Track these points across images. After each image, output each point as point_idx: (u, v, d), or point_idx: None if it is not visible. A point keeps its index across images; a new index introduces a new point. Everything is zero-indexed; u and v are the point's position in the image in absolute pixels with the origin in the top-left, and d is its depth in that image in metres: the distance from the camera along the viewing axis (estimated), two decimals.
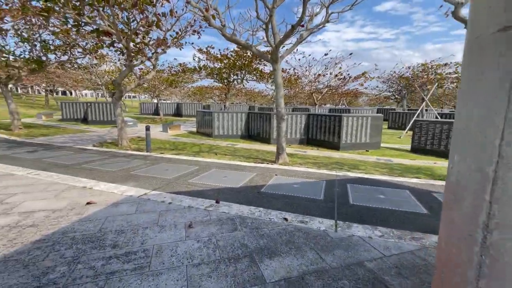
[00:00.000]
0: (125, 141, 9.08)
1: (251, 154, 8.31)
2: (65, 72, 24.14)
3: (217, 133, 12.52)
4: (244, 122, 12.77)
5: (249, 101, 42.51)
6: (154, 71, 9.46)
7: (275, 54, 5.95)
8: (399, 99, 30.18)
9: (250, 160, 7.17)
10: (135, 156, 7.00)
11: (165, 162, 6.27)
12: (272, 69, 6.31)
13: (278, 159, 6.83)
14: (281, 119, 6.62)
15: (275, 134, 11.31)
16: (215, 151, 8.68)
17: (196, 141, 11.17)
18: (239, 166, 6.01)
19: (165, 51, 8.15)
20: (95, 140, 10.38)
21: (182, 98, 35.94)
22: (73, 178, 4.70)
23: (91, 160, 6.26)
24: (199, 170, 5.47)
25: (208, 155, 7.78)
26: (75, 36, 10.37)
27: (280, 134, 6.74)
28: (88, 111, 16.43)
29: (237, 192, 4.14)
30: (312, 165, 6.69)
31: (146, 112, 27.55)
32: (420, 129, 10.22)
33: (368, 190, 4.40)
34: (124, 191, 4.05)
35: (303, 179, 4.99)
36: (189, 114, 25.93)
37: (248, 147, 10.12)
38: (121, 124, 8.95)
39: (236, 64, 13.75)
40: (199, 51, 13.41)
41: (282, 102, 6.51)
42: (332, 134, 10.56)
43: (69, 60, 12.37)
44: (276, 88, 6.47)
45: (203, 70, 15.32)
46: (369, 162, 7.86)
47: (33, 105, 31.21)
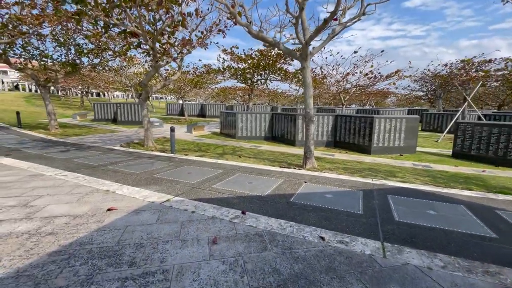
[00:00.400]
0: (151, 141, 9.14)
1: (276, 157, 7.93)
2: (97, 75, 25.48)
3: (240, 134, 12.29)
4: (267, 123, 12.42)
5: (271, 101, 42.09)
6: (180, 71, 9.43)
7: (305, 51, 5.52)
8: (433, 99, 28.02)
9: (276, 164, 6.79)
10: (159, 157, 6.93)
11: (189, 164, 6.10)
12: (301, 68, 5.88)
13: (306, 163, 6.38)
14: (309, 121, 6.17)
15: (300, 136, 10.83)
16: (239, 153, 8.42)
17: (220, 143, 11.02)
18: (264, 170, 5.66)
19: (190, 51, 8.05)
20: (122, 140, 10.62)
21: (206, 99, 36.48)
22: (97, 180, 4.64)
23: (117, 161, 6.27)
24: (223, 174, 5.20)
25: (232, 158, 7.52)
26: (105, 39, 10.70)
27: (309, 137, 6.29)
28: (117, 112, 17.08)
29: (264, 201, 3.79)
30: (343, 171, 6.15)
31: (172, 112, 28.26)
32: (464, 132, 9.18)
33: (413, 203, 3.83)
34: (146, 196, 3.87)
35: (335, 187, 4.51)
36: (212, 115, 26.13)
37: (273, 149, 9.74)
38: (147, 125, 9.02)
39: (260, 64, 13.44)
40: (223, 52, 13.30)
41: (311, 102, 6.06)
42: (363, 136, 9.84)
43: (101, 62, 12.84)
44: (305, 87, 6.03)
45: (227, 71, 15.22)
46: (406, 168, 7.13)
47: (70, 106, 33.41)
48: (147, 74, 7.94)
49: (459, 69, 17.49)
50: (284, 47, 5.82)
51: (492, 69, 12.59)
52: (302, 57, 5.68)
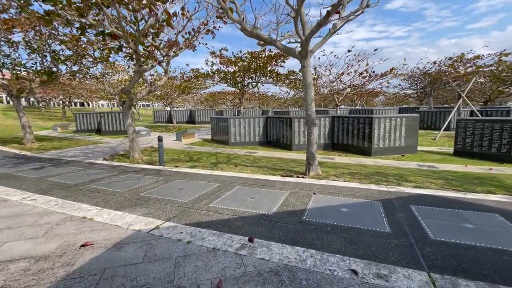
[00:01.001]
0: (137, 153, 8.41)
1: (274, 164, 7.38)
2: (79, 83, 24.33)
3: (234, 140, 11.69)
4: (262, 128, 11.89)
5: (262, 105, 41.72)
6: (166, 76, 8.79)
7: (305, 48, 5.03)
8: (422, 97, 28.37)
9: (276, 173, 6.24)
10: (147, 171, 6.24)
11: (180, 178, 5.45)
12: (301, 67, 5.39)
13: (309, 170, 5.86)
14: (312, 124, 5.66)
15: (297, 140, 10.36)
16: (234, 162, 7.82)
17: (212, 150, 10.38)
18: (265, 181, 5.09)
19: (177, 53, 7.44)
20: (106, 152, 9.81)
21: (195, 105, 35.62)
22: (73, 204, 3.93)
23: (98, 178, 5.54)
24: (221, 189, 4.60)
25: (227, 167, 6.92)
26: (84, 45, 9.94)
27: (311, 141, 5.78)
28: (101, 122, 16.13)
29: (272, 221, 3.21)
30: (351, 177, 5.67)
31: (160, 120, 27.32)
32: (465, 129, 8.94)
33: (442, 214, 3.35)
34: (131, 223, 3.22)
35: (349, 198, 3.99)
36: (202, 121, 25.40)
37: (269, 155, 9.20)
38: (132, 135, 8.29)
39: (251, 67, 12.95)
40: (212, 55, 12.75)
41: (312, 104, 5.57)
42: (362, 138, 9.45)
43: (80, 70, 12.00)
44: (305, 88, 5.53)
45: (216, 75, 14.64)
46: (413, 170, 6.73)
47: (51, 117, 31.83)
48: (131, 80, 7.27)
49: (448, 66, 17.62)
50: (281, 45, 5.32)
51: (483, 64, 12.58)
52: (302, 55, 5.19)
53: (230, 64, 13.26)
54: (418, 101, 28.07)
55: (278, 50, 12.68)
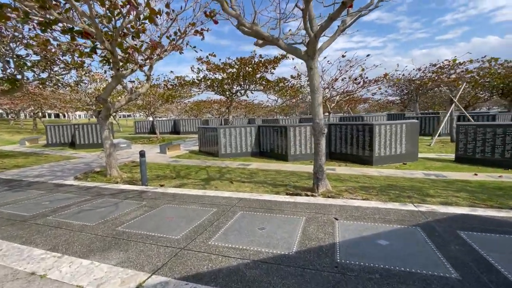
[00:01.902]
0: (115, 170, 7.31)
1: (274, 179, 6.59)
2: (52, 93, 22.53)
3: (224, 151, 10.81)
4: (254, 138, 11.12)
5: (248, 113, 41.12)
6: (149, 83, 7.85)
7: (313, 47, 4.37)
8: (406, 103, 28.97)
9: (280, 189, 5.44)
10: (127, 193, 5.23)
11: (168, 201, 4.51)
12: (307, 68, 4.71)
13: (318, 186, 5.12)
14: (320, 133, 4.97)
15: (293, 150, 9.67)
16: (228, 177, 6.95)
17: (201, 163, 9.44)
18: (271, 202, 4.28)
19: (161, 56, 6.58)
20: (79, 169, 8.59)
21: (179, 115, 34.35)
22: (21, 250, 2.91)
23: (64, 206, 4.48)
24: (219, 216, 3.72)
25: (222, 184, 6.03)
26: (54, 49, 8.83)
27: (319, 153, 5.07)
28: (76, 134, 14.67)
29: (298, 267, 2.39)
30: (365, 193, 4.99)
31: (142, 131, 25.83)
32: (466, 135, 8.64)
33: (505, 243, 2.69)
34: (101, 281, 2.28)
35: (380, 224, 3.27)
36: (187, 131, 24.25)
37: (265, 168, 8.41)
38: (110, 150, 7.22)
39: (240, 74, 12.27)
40: (199, 60, 11.94)
41: (320, 111, 4.88)
42: (362, 146, 8.92)
43: (50, 77, 10.73)
44: (312, 92, 4.85)
45: (203, 82, 13.81)
46: (423, 181, 6.20)
47: (20, 130, 29.32)
48: (106, 86, 6.29)
49: (439, 72, 17.89)
50: (284, 43, 4.63)
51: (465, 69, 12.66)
52: (309, 54, 4.52)
53: (218, 71, 12.50)
54: (402, 107, 28.61)
55: (268, 56, 12.14)
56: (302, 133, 9.75)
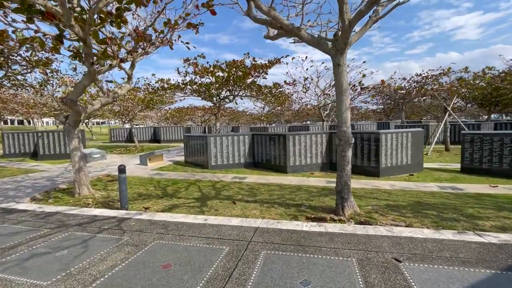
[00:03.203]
0: (86, 187, 5.95)
1: (281, 196, 5.63)
2: (14, 96, 20.04)
3: (215, 162, 9.70)
4: (247, 147, 10.14)
5: (231, 121, 40.02)
6: (130, 84, 6.64)
7: (345, 37, 3.54)
8: (388, 112, 29.58)
9: (295, 212, 4.48)
10: (102, 222, 3.99)
11: (159, 235, 3.38)
12: (333, 65, 3.88)
13: (344, 208, 4.23)
14: (347, 144, 4.12)
15: (292, 160, 8.80)
16: (226, 194, 5.88)
17: (189, 177, 8.25)
18: (297, 234, 3.30)
19: (147, 51, 5.47)
20: (40, 187, 7.05)
21: (159, 122, 32.42)
22: None
23: (8, 247, 3.17)
24: (237, 261, 2.68)
25: (223, 206, 4.95)
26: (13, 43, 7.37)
27: (345, 167, 4.21)
28: (39, 143, 12.75)
29: None
30: (398, 214, 4.19)
31: (118, 139, 23.76)
32: (472, 144, 8.30)
33: None
34: None
35: (459, 268, 2.42)
36: (169, 139, 22.64)
37: (264, 181, 7.44)
38: (79, 163, 5.86)
39: (231, 78, 11.33)
40: (186, 62, 10.84)
41: (348, 116, 4.05)
42: (367, 156, 8.26)
43: (7, 76, 9.09)
44: (339, 94, 4.01)
45: (189, 86, 12.67)
46: (446, 195, 5.57)
47: None
48: (76, 85, 5.01)
49: (417, 82, 18.18)
50: (308, 34, 3.78)
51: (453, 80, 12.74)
52: (338, 48, 3.70)
53: (206, 74, 11.47)
54: (384, 116, 29.15)
55: (263, 60, 11.33)
56: (302, 143, 8.95)
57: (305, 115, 33.35)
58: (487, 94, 18.05)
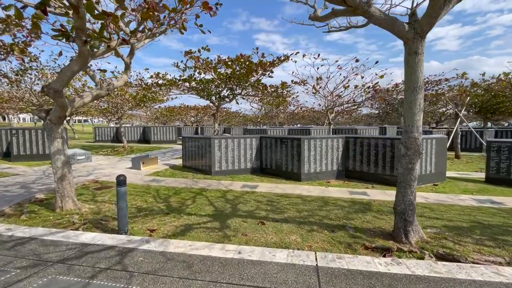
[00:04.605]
0: (71, 200, 4.78)
1: (312, 213, 4.72)
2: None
3: (219, 168, 8.66)
4: (255, 151, 9.18)
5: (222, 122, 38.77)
6: (127, 74, 5.53)
7: (433, 14, 2.70)
8: (383, 117, 29.52)
9: (343, 237, 3.59)
10: (95, 256, 2.91)
11: (182, 282, 2.37)
12: (407, 53, 3.03)
13: (408, 233, 3.38)
14: (416, 154, 3.27)
15: (306, 167, 7.93)
16: (246, 209, 4.89)
17: (192, 185, 7.19)
18: (375, 278, 2.40)
19: (153, 33, 4.41)
20: (10, 197, 5.75)
21: (147, 121, 30.69)
22: None
23: None
24: None
25: (250, 228, 3.96)
26: None
27: (411, 182, 3.36)
28: (12, 142, 11.18)
29: None
30: (472, 241, 3.39)
31: (103, 138, 22.03)
32: (499, 153, 7.76)
33: None
34: None
35: None
36: (160, 140, 21.23)
37: (280, 192, 6.51)
38: (63, 170, 4.69)
39: (235, 74, 10.36)
40: (187, 54, 9.74)
41: (420, 120, 3.21)
42: (389, 165, 7.53)
43: None
44: (411, 91, 3.16)
45: (186, 83, 11.55)
46: (492, 212, 4.87)
47: None
48: (62, 70, 3.87)
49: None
50: (380, 11, 2.91)
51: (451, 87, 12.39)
52: (418, 30, 2.85)
53: (208, 70, 10.44)
54: (381, 121, 29.07)
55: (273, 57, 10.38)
56: (317, 147, 8.11)
57: (300, 117, 32.75)
58: (487, 100, 18.09)
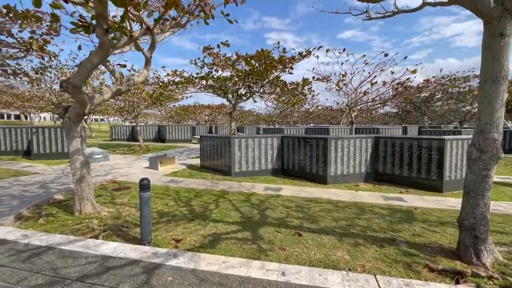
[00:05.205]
0: (90, 203, 4.50)
1: (351, 222, 4.21)
2: (9, 88, 18.48)
3: (238, 168, 8.27)
4: (276, 151, 8.72)
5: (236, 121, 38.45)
6: (147, 69, 5.21)
7: None
8: (403, 116, 28.26)
9: (397, 255, 3.08)
10: (118, 273, 2.55)
11: None
12: (488, 35, 2.49)
13: (479, 254, 2.83)
14: (493, 158, 2.72)
15: (333, 169, 7.40)
16: (275, 216, 4.45)
17: (212, 186, 6.82)
18: None
19: (178, 22, 4.00)
20: (30, 197, 5.57)
21: (162, 120, 30.82)
22: None
23: None
24: None
25: (286, 241, 3.52)
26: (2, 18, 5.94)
27: (485, 193, 2.81)
28: (33, 140, 11.25)
29: None
30: None
31: (119, 137, 22.24)
32: None
33: None
34: None
35: None
36: (175, 139, 21.14)
37: (308, 196, 6.02)
38: (81, 171, 4.41)
39: (255, 71, 9.92)
40: (206, 50, 9.39)
41: (501, 118, 2.65)
42: (426, 167, 6.87)
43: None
44: (492, 82, 2.60)
45: (205, 80, 11.23)
46: None
47: None
48: (82, 63, 3.56)
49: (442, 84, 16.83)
50: None
51: None
52: (508, 7, 2.30)
53: (226, 67, 10.06)
54: (401, 120, 27.84)
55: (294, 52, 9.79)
56: (344, 148, 7.55)
57: (314, 116, 31.95)
58: None
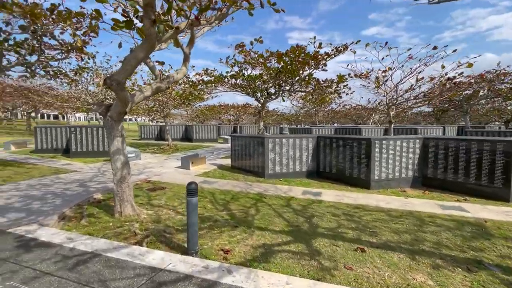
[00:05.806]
0: (130, 205, 4.36)
1: (417, 236, 3.65)
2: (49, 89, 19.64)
3: (272, 170, 7.89)
4: (311, 152, 8.23)
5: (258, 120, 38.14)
6: (186, 66, 5.01)
7: None
8: (438, 115, 26.23)
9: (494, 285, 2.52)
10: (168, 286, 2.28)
11: None
12: None
13: None
14: None
15: (377, 172, 6.78)
16: (324, 225, 4.01)
17: (247, 188, 6.50)
18: None
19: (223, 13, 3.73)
20: (71, 196, 5.61)
21: (188, 120, 31.39)
22: None
23: None
24: None
25: (350, 258, 3.07)
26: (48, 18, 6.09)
27: None
28: (71, 139, 11.72)
29: None
30: None
31: (147, 136, 22.89)
32: None
33: None
34: None
35: None
36: (201, 138, 21.29)
37: (352, 202, 5.48)
38: (122, 171, 4.28)
39: (286, 68, 9.49)
40: (238, 48, 9.14)
41: None
42: (489, 173, 6.03)
43: (40, 61, 7.88)
44: None
45: (234, 79, 11.01)
46: None
47: (11, 131, 26.35)
48: (126, 59, 3.40)
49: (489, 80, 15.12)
50: None
51: None
52: None
53: (258, 65, 9.74)
54: (436, 120, 25.85)
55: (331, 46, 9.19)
56: (390, 150, 6.89)
57: (341, 116, 30.73)
58: None
